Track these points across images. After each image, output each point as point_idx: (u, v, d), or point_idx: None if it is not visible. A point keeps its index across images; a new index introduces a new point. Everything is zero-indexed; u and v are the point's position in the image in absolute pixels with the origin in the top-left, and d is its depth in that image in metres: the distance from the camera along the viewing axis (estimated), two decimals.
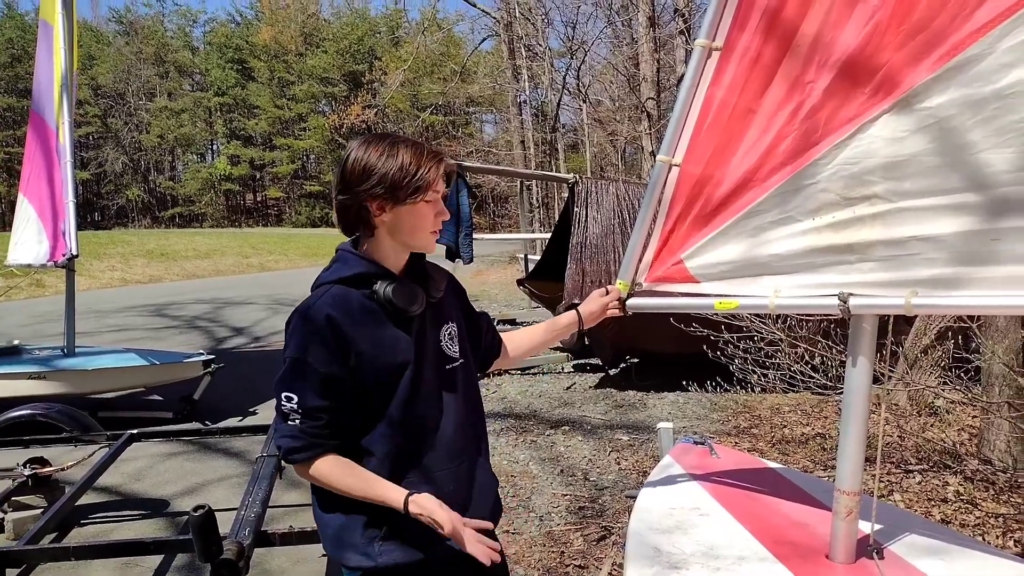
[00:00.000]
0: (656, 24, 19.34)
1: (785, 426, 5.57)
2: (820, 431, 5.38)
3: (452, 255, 6.94)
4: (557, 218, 7.83)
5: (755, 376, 4.58)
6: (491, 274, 21.56)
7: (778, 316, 4.44)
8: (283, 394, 1.44)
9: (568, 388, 6.90)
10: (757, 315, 4.45)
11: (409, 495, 1.45)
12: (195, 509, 1.78)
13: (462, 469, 1.63)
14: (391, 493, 1.46)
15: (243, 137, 60.65)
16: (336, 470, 1.47)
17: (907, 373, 5.58)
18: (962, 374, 4.69)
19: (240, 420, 5.85)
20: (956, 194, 1.43)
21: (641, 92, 19.00)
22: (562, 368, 7.65)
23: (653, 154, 19.02)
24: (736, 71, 1.70)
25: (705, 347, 4.78)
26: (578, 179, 6.98)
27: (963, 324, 5.01)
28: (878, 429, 3.64)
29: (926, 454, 4.51)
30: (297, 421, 1.43)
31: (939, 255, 1.46)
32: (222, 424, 5.42)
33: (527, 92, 29.07)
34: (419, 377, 1.52)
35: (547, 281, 8.06)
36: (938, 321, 5.81)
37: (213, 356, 6.16)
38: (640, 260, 1.87)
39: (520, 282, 8.82)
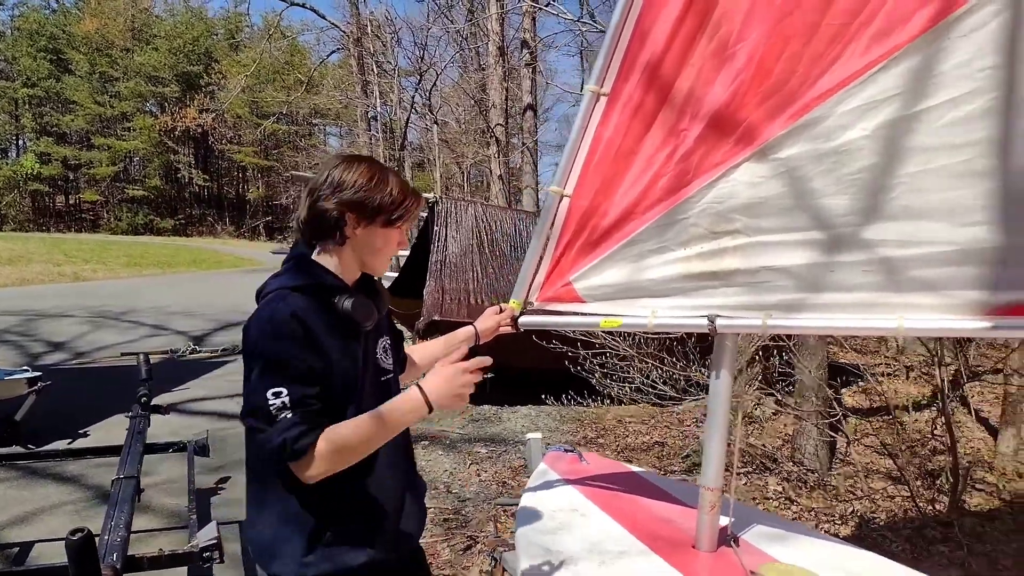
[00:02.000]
0: (505, 54, 19.98)
1: (628, 435, 5.98)
2: (658, 439, 5.84)
3: None
4: (415, 236, 7.89)
5: (612, 389, 4.90)
6: None
7: (628, 335, 4.81)
8: (268, 393, 1.38)
9: None
10: (609, 333, 4.79)
11: (422, 390, 1.46)
12: (72, 533, 1.68)
13: (400, 476, 1.68)
14: (405, 405, 1.46)
15: (56, 134, 54.65)
16: (344, 431, 1.42)
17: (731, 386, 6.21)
18: (778, 387, 5.32)
19: (69, 443, 5.32)
20: (802, 232, 1.70)
21: (490, 118, 19.50)
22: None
23: (501, 178, 19.60)
24: (620, 116, 1.91)
25: (567, 363, 5.05)
26: (438, 199, 7.10)
27: (780, 342, 5.67)
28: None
29: (750, 458, 5.05)
30: (289, 415, 1.37)
31: (787, 283, 1.73)
32: (48, 447, 4.91)
33: (377, 108, 28.84)
34: (363, 387, 1.57)
35: (404, 298, 8.08)
36: (757, 339, 6.52)
37: (39, 373, 5.57)
38: (532, 281, 2.02)
39: None
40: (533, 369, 6.44)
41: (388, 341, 1.75)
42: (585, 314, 1.99)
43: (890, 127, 1.56)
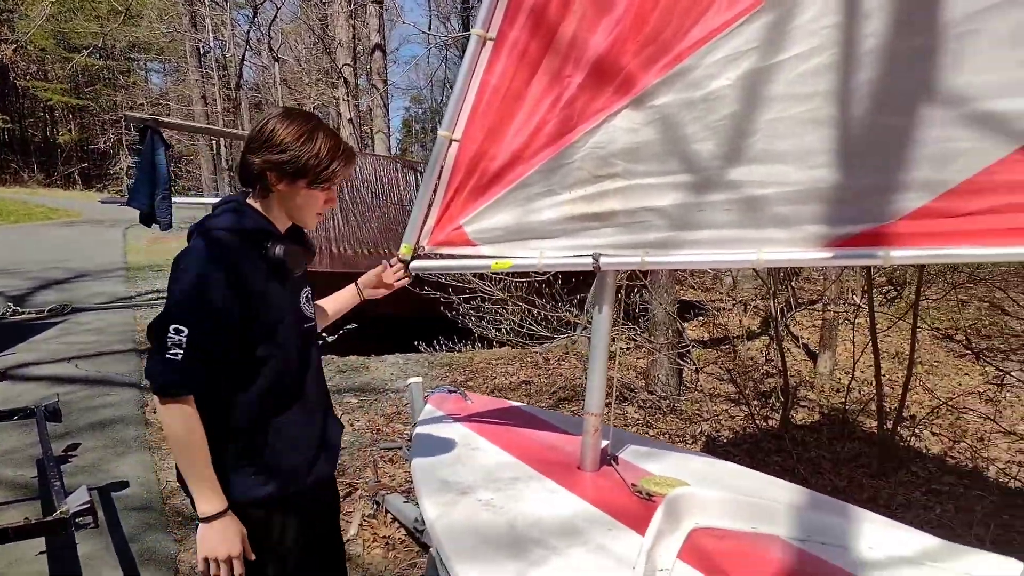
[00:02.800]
0: None
1: (496, 377, 6.19)
2: (525, 379, 6.09)
3: (147, 220, 6.30)
4: None
5: (489, 332, 5.03)
6: (172, 241, 19.56)
7: (497, 279, 4.93)
8: (172, 327, 1.42)
9: None
10: (480, 278, 4.90)
11: (220, 515, 1.51)
12: None
13: (319, 417, 1.78)
14: (212, 495, 1.50)
15: None
16: (187, 425, 1.47)
17: (588, 324, 6.56)
18: (631, 323, 5.69)
19: None
20: (675, 175, 1.84)
21: (337, 57, 18.65)
22: None
23: (351, 121, 18.93)
24: (507, 61, 1.95)
25: (441, 308, 5.10)
26: None
27: (636, 281, 6.05)
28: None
29: (609, 389, 5.42)
30: (179, 356, 1.42)
31: (662, 222, 1.88)
32: None
33: (210, 43, 26.64)
34: (288, 331, 1.62)
35: None
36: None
37: None
38: (423, 226, 2.05)
39: None
40: (403, 316, 6.45)
41: (309, 291, 1.79)
42: (477, 257, 2.05)
43: (750, 77, 1.71)
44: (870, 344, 4.78)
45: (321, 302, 2.06)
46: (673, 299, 5.21)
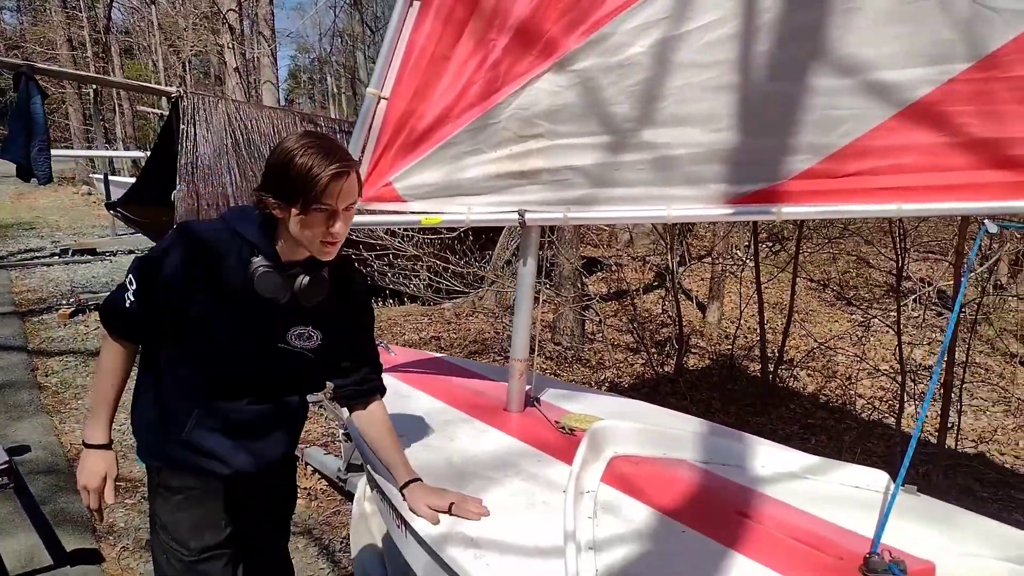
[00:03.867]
0: None
1: (405, 334, 6.26)
2: (434, 335, 6.20)
3: (25, 174, 5.86)
4: (157, 136, 7.12)
5: (406, 288, 5.06)
6: (40, 197, 18.10)
7: (408, 236, 4.97)
8: (130, 275, 1.51)
9: None
10: (391, 234, 4.93)
11: (96, 447, 1.59)
12: None
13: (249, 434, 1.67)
14: (98, 425, 1.59)
15: None
16: (115, 359, 1.56)
17: (497, 279, 6.72)
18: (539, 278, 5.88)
19: None
20: (594, 136, 1.97)
21: (221, 2, 17.58)
22: None
23: (238, 71, 17.97)
24: (434, 22, 2.01)
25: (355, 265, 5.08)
26: (183, 93, 6.46)
27: (545, 237, 6.24)
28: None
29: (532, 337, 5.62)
30: (127, 302, 1.50)
31: (583, 180, 2.02)
32: None
33: None
34: (225, 341, 1.55)
35: (145, 205, 7.35)
36: (518, 237, 7.07)
37: None
38: None
39: (111, 206, 7.81)
40: None
41: (311, 332, 1.65)
42: (407, 212, 2.13)
43: (661, 45, 1.84)
44: (754, 295, 5.20)
45: (387, 439, 1.80)
46: (578, 255, 5.43)
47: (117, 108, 25.75)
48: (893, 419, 4.73)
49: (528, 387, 2.31)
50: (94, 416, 1.59)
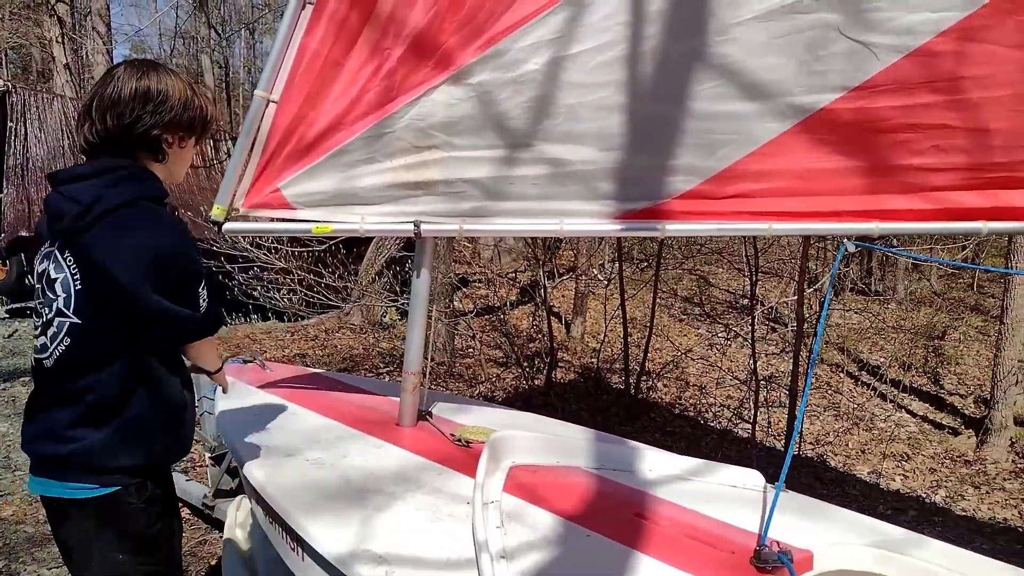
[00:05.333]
0: None
1: (266, 351, 5.96)
2: (298, 351, 5.95)
3: None
4: None
5: (278, 303, 4.81)
6: None
7: (274, 248, 4.75)
8: (203, 284, 1.47)
9: (11, 336, 5.84)
10: (258, 247, 4.68)
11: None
12: None
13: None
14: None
15: None
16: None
17: (361, 296, 6.58)
18: (403, 292, 5.83)
19: None
20: (489, 149, 2.00)
21: None
22: None
23: (68, 67, 16.47)
24: (327, 28, 1.94)
25: (221, 279, 4.76)
26: (11, 88, 5.82)
27: (404, 253, 6.19)
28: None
29: (391, 359, 5.53)
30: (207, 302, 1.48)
31: (478, 192, 2.03)
32: None
33: None
34: None
35: None
36: (385, 251, 6.97)
37: None
38: (237, 187, 1.98)
39: None
40: None
41: None
42: (296, 220, 2.04)
43: (555, 64, 1.89)
44: (614, 311, 5.45)
45: None
46: (451, 270, 5.44)
47: None
48: (743, 424, 5.11)
49: (424, 400, 2.28)
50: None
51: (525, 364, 5.40)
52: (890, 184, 1.81)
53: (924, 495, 4.31)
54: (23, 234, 5.24)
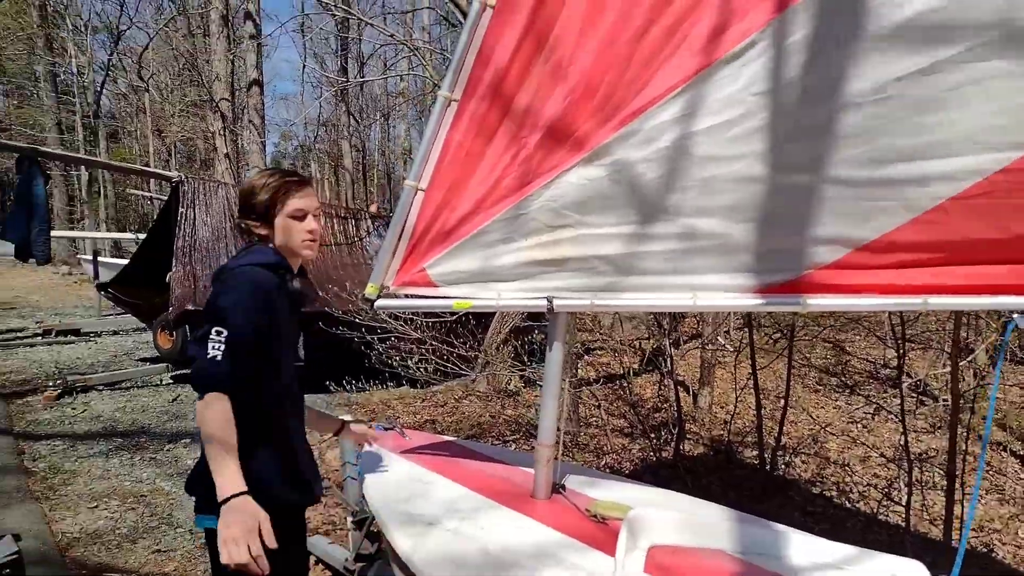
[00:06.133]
0: (229, 22, 18.58)
1: (398, 416, 6.19)
2: (428, 418, 6.13)
3: (23, 254, 5.85)
4: (156, 218, 7.18)
5: (414, 372, 5.05)
6: (16, 277, 17.90)
7: (409, 320, 5.01)
8: (215, 328, 1.61)
9: (174, 400, 6.42)
10: (394, 317, 4.96)
11: (237, 495, 1.57)
12: None
13: (298, 451, 1.89)
14: (232, 476, 1.58)
15: None
16: (224, 417, 1.60)
17: (487, 364, 6.71)
18: (528, 361, 5.90)
19: None
20: (620, 225, 2.04)
21: (214, 91, 18.06)
22: (160, 380, 7.04)
23: (228, 156, 18.31)
24: (468, 123, 2.11)
25: (358, 347, 5.09)
26: (183, 178, 6.57)
27: (536, 322, 6.29)
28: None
29: (517, 426, 5.58)
30: (219, 356, 1.60)
31: (609, 268, 2.08)
32: None
33: (69, 66, 24.95)
34: (288, 365, 1.81)
35: (137, 287, 7.33)
36: (510, 321, 7.12)
37: None
38: (388, 267, 2.14)
39: (103, 287, 7.77)
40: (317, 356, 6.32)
41: (303, 337, 2.01)
42: (439, 297, 2.17)
43: (687, 138, 1.90)
44: (748, 380, 5.25)
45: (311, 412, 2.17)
46: (574, 340, 5.48)
47: (102, 191, 25.94)
48: (893, 507, 4.71)
49: (557, 472, 2.30)
50: (228, 467, 1.59)
51: (652, 435, 5.28)
52: None
53: None
54: (189, 307, 5.77)
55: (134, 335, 10.06)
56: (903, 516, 4.13)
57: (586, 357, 9.20)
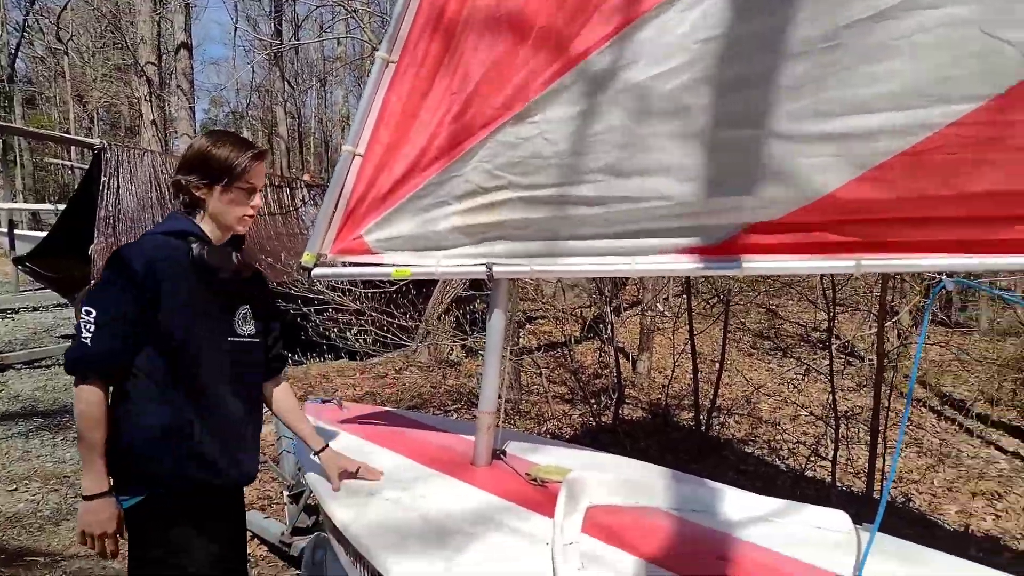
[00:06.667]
0: None
1: (336, 389, 6.10)
2: (368, 390, 6.07)
3: None
4: (77, 187, 6.82)
5: (353, 344, 4.96)
6: None
7: (347, 290, 4.91)
8: (84, 308, 1.56)
9: None
10: (331, 288, 4.85)
11: (98, 496, 1.59)
12: None
13: (237, 437, 1.81)
14: (96, 477, 1.59)
15: None
16: (98, 407, 1.58)
17: (428, 335, 6.68)
18: (470, 331, 5.89)
19: None
20: (558, 187, 1.94)
21: (140, 54, 17.18)
22: None
23: (155, 123, 17.55)
24: (405, 81, 2.04)
25: (299, 320, 4.95)
26: (106, 145, 6.23)
27: (471, 292, 6.27)
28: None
29: (458, 396, 5.58)
30: (89, 337, 1.55)
31: (547, 232, 2.01)
32: None
33: None
34: (201, 338, 1.69)
35: (57, 260, 6.97)
36: (452, 291, 7.08)
37: None
38: (325, 235, 2.07)
39: (20, 261, 7.36)
40: None
41: (248, 309, 1.83)
42: (378, 264, 2.11)
43: (623, 92, 1.77)
44: (681, 346, 5.37)
45: (291, 409, 2.07)
46: (516, 308, 5.48)
47: (18, 160, 24.53)
48: (821, 462, 4.92)
49: (497, 440, 2.30)
50: (93, 466, 1.59)
51: (592, 401, 5.36)
52: (1007, 211, 1.49)
53: (1020, 536, 4.05)
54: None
55: (55, 311, 9.63)
56: (830, 471, 4.31)
57: (528, 326, 9.25)
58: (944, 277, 1.58)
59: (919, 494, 4.74)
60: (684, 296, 5.55)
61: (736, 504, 1.95)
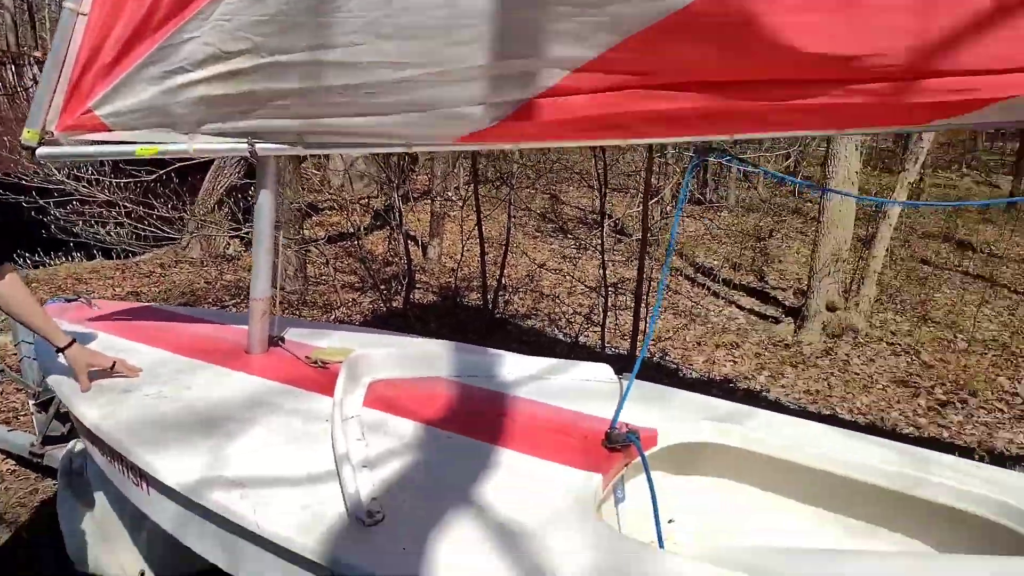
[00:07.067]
0: None
1: (94, 292, 5.50)
2: (131, 289, 5.53)
3: None
4: None
5: (103, 238, 4.38)
6: None
7: (97, 181, 4.30)
8: None
9: None
10: (80, 178, 4.23)
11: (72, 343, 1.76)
12: None
13: None
14: (56, 330, 1.79)
15: None
16: (16, 287, 1.68)
17: (200, 227, 6.16)
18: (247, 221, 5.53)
19: None
20: (315, 51, 1.66)
21: None
22: None
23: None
24: None
25: (33, 215, 4.23)
26: None
27: (248, 181, 5.84)
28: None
29: (236, 291, 5.27)
30: None
31: (307, 106, 1.76)
32: None
33: None
34: None
35: None
36: (226, 180, 6.55)
37: None
38: (49, 107, 1.75)
39: None
40: None
41: None
42: (116, 143, 1.85)
43: None
44: (474, 230, 5.48)
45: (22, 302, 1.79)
46: (299, 196, 5.21)
47: None
48: (594, 328, 5.40)
49: (275, 327, 2.21)
50: (52, 327, 1.79)
51: (382, 287, 5.35)
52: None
53: (750, 376, 4.80)
54: None
55: None
56: (600, 335, 4.75)
57: (314, 216, 8.89)
58: (694, 155, 1.71)
59: (674, 349, 5.40)
60: (472, 184, 5.60)
61: (512, 367, 2.07)
